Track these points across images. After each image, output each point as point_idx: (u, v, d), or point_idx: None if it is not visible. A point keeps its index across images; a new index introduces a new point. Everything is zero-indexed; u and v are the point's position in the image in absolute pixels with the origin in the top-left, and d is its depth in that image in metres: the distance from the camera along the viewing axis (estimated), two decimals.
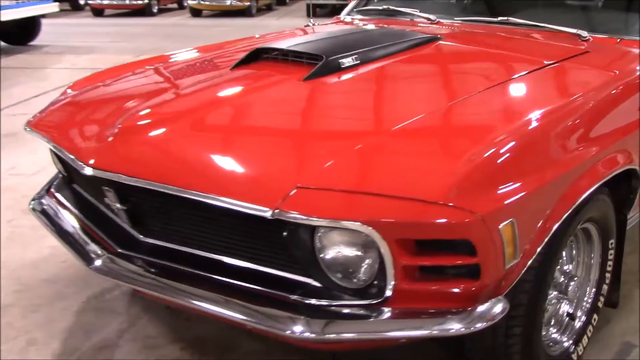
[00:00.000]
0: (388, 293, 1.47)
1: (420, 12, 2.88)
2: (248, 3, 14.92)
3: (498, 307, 1.50)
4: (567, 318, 2.03)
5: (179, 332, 2.26)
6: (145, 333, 2.27)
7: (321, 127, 1.77)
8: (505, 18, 2.64)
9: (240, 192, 1.48)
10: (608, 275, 2.07)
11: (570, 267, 1.99)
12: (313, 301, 1.52)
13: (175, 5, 17.52)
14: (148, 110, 1.85)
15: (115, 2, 15.23)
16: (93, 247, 1.82)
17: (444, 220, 1.37)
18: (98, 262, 1.77)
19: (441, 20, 2.79)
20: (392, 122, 1.68)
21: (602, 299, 2.09)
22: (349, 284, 1.51)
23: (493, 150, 1.50)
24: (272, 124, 1.80)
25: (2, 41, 9.70)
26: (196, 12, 15.51)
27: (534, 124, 1.67)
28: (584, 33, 2.40)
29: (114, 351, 2.17)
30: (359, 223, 1.38)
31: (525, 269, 1.59)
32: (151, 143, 1.72)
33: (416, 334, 1.49)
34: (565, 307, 2.02)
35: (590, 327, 2.06)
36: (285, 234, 1.48)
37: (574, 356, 1.99)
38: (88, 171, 1.70)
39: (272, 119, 1.83)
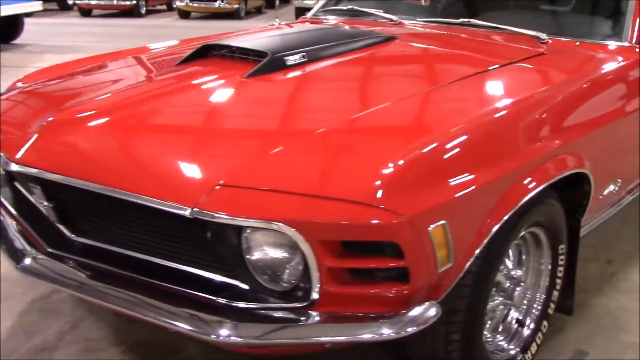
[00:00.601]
0: (315, 296, 1.41)
1: (383, 12, 2.84)
2: (237, 5, 14.88)
3: (431, 312, 1.46)
4: (516, 325, 1.98)
5: (121, 335, 2.20)
6: (87, 335, 2.20)
7: (251, 125, 1.72)
8: (467, 20, 2.60)
9: (162, 191, 1.42)
10: (559, 281, 2.03)
11: (519, 272, 1.94)
12: (241, 304, 1.47)
13: (164, 7, 17.45)
14: (78, 107, 1.79)
15: (103, 3, 15.15)
16: (23, 245, 1.77)
17: (368, 221, 1.32)
18: (27, 261, 1.71)
19: (404, 22, 2.75)
20: (326, 121, 1.63)
21: (552, 305, 2.04)
22: (276, 286, 1.46)
23: (424, 150, 1.46)
24: (201, 121, 1.76)
25: None
26: (184, 14, 15.46)
27: (472, 124, 1.62)
28: (543, 36, 2.36)
29: (53, 353, 2.11)
30: (281, 223, 1.33)
31: (462, 273, 1.54)
32: (77, 140, 1.66)
33: (345, 339, 1.45)
34: (514, 314, 1.98)
35: (540, 335, 2.02)
36: (209, 233, 1.43)
37: None
38: (13, 167, 1.64)
39: (203, 116, 1.78)
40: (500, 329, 1.96)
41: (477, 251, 1.55)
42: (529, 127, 1.74)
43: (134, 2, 15.15)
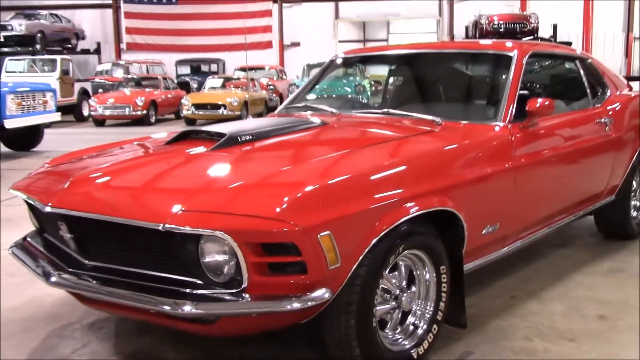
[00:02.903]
0: (245, 284, 2.14)
1: (328, 107, 3.71)
2: (238, 112, 16.09)
3: (326, 295, 2.18)
4: (412, 327, 2.66)
5: (119, 350, 2.88)
6: (93, 350, 2.89)
7: (206, 176, 2.52)
8: (386, 110, 3.47)
9: (142, 215, 2.20)
10: (444, 294, 2.72)
11: (413, 285, 2.64)
12: (198, 292, 2.20)
13: (172, 116, 18.76)
14: (89, 171, 2.62)
15: (116, 113, 16.40)
16: (51, 269, 2.52)
17: (274, 229, 2.07)
18: (53, 278, 2.45)
19: (341, 113, 3.60)
20: (259, 172, 2.43)
21: (440, 313, 2.72)
22: (220, 278, 2.19)
23: (317, 186, 2.23)
24: (171, 175, 2.57)
25: (6, 147, 10.60)
26: (191, 122, 16.67)
27: (358, 169, 2.41)
28: (438, 119, 3.18)
29: None
30: (219, 232, 2.08)
31: (351, 273, 2.26)
32: (88, 189, 2.47)
33: (265, 310, 2.16)
34: (411, 319, 2.67)
35: (431, 335, 2.68)
36: (176, 245, 2.18)
37: (414, 354, 2.60)
38: (47, 209, 2.43)
39: (174, 172, 2.59)
40: (398, 330, 2.64)
41: (361, 257, 2.28)
42: (410, 173, 2.51)
43: (145, 112, 16.41)
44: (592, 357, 2.75)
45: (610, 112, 4.01)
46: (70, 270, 2.48)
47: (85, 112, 18.19)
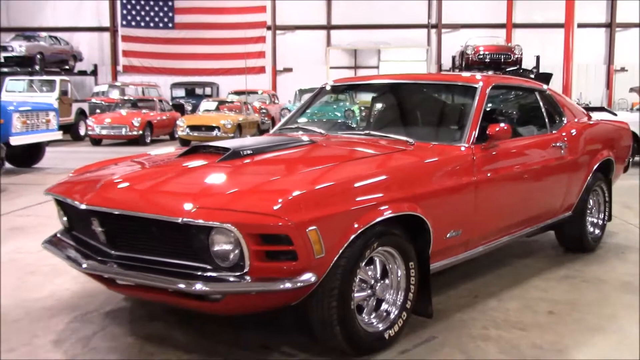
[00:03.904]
0: (247, 268, 2.64)
1: (317, 128, 4.24)
2: (232, 134, 16.64)
3: (312, 278, 2.68)
4: (385, 313, 3.16)
5: (134, 331, 3.36)
6: (111, 332, 3.36)
7: (215, 182, 3.03)
8: (367, 132, 4.00)
9: (164, 210, 2.70)
10: (412, 286, 3.21)
11: (386, 277, 3.14)
12: (207, 274, 2.69)
13: (167, 137, 19.28)
14: (117, 177, 3.13)
15: (112, 133, 16.91)
16: (82, 259, 3.01)
17: (270, 223, 2.58)
18: (84, 265, 2.94)
19: (329, 134, 4.13)
20: (259, 179, 2.95)
21: (409, 302, 3.21)
22: (225, 264, 2.68)
23: (306, 191, 2.74)
24: (188, 180, 3.08)
25: (9, 163, 11.05)
26: (185, 143, 17.18)
27: (340, 178, 2.93)
28: (411, 140, 3.71)
29: (90, 341, 3.25)
30: (227, 224, 2.58)
31: (333, 263, 2.77)
32: (117, 191, 2.97)
33: (264, 288, 2.65)
34: (385, 307, 3.16)
35: (401, 320, 3.16)
36: (191, 236, 2.68)
37: (386, 335, 3.09)
38: (83, 207, 2.93)
39: (189, 178, 3.10)
40: (373, 315, 3.13)
41: (341, 250, 2.78)
42: (384, 183, 3.03)
43: (140, 132, 16.93)
44: (537, 342, 3.25)
45: (565, 138, 4.57)
46: (99, 258, 2.97)
47: (82, 132, 18.71)
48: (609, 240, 5.41)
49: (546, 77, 15.74)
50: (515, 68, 18.87)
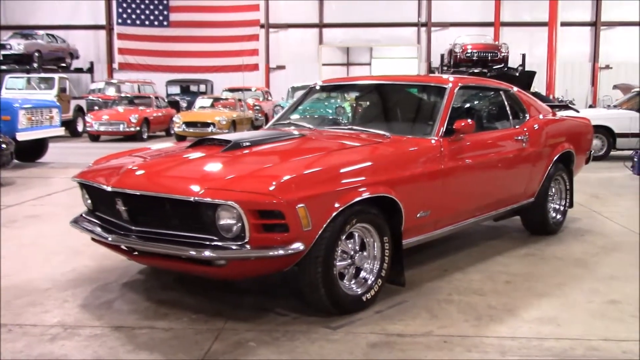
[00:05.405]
0: (247, 239, 3.21)
1: (306, 124, 4.81)
2: (227, 131, 17.18)
3: (301, 246, 3.24)
4: (363, 280, 3.73)
5: (149, 297, 3.92)
6: (129, 298, 3.92)
7: (220, 168, 3.59)
8: (350, 126, 4.59)
9: (179, 190, 3.28)
10: (387, 257, 3.78)
11: (365, 249, 3.71)
12: (214, 244, 3.26)
13: (163, 133, 19.81)
14: (137, 164, 3.72)
15: (110, 129, 17.43)
16: (106, 234, 3.58)
17: (267, 201, 3.15)
18: (110, 238, 3.51)
19: (317, 128, 4.70)
20: (257, 166, 3.52)
21: (384, 272, 3.78)
22: (229, 235, 3.25)
23: (296, 175, 3.31)
24: (197, 166, 3.65)
25: (14, 158, 11.51)
26: (181, 139, 17.71)
27: (325, 165, 3.51)
28: (387, 134, 4.29)
29: (112, 303, 3.82)
30: (231, 202, 3.15)
31: (318, 235, 3.34)
32: (138, 175, 3.55)
33: (261, 255, 3.21)
34: (363, 274, 3.73)
35: (377, 286, 3.73)
36: (200, 211, 3.25)
37: (364, 298, 3.66)
38: (109, 189, 3.50)
39: (198, 165, 3.67)
40: (353, 281, 3.70)
41: (325, 225, 3.35)
42: (363, 170, 3.60)
43: (138, 128, 17.45)
44: (492, 304, 3.83)
45: (527, 132, 5.15)
46: (121, 233, 3.53)
47: (80, 128, 19.20)
48: (571, 225, 6.01)
49: (530, 75, 16.39)
50: (501, 66, 19.48)
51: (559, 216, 5.77)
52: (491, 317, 3.61)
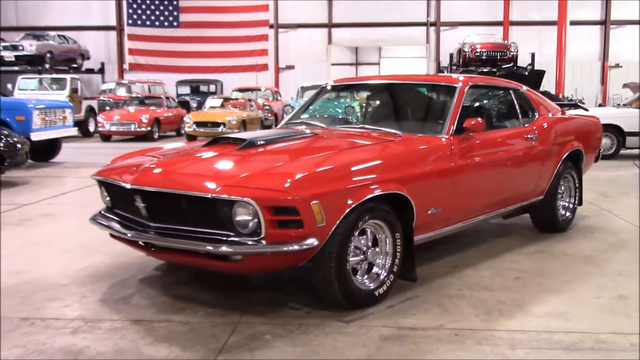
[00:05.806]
0: (262, 234, 3.29)
1: (318, 123, 4.90)
2: (237, 130, 17.29)
3: (315, 242, 3.33)
4: (376, 275, 3.81)
5: (165, 292, 4.02)
6: (146, 293, 4.02)
7: (236, 165, 3.68)
8: (362, 125, 4.66)
9: (197, 188, 3.37)
10: (398, 253, 3.86)
11: (377, 244, 3.79)
12: (231, 239, 3.35)
13: (173, 133, 19.95)
14: (155, 162, 3.81)
15: (122, 129, 17.58)
16: (125, 230, 3.68)
17: (282, 197, 3.24)
18: (129, 234, 3.61)
19: (329, 127, 4.79)
20: (272, 163, 3.61)
21: (395, 267, 3.86)
22: (245, 231, 3.34)
23: (310, 172, 3.40)
24: (214, 164, 3.73)
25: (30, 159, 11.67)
26: (192, 139, 17.84)
27: (338, 163, 3.59)
28: (399, 132, 4.37)
29: (130, 298, 3.92)
30: (248, 198, 3.24)
31: (332, 231, 3.42)
32: (157, 173, 3.64)
33: (276, 250, 3.30)
34: (375, 270, 3.81)
35: (389, 281, 3.81)
36: (217, 208, 3.34)
37: (377, 293, 3.74)
38: (128, 186, 3.59)
39: (215, 162, 3.76)
40: (366, 276, 3.78)
41: (338, 221, 3.43)
42: (375, 167, 3.68)
43: (149, 128, 17.60)
44: (502, 299, 3.90)
45: (536, 130, 5.21)
46: (140, 229, 3.63)
47: (92, 128, 19.38)
48: (580, 223, 6.07)
49: (539, 74, 16.37)
50: (510, 65, 19.49)
51: (568, 214, 5.82)
52: (501, 312, 3.68)
